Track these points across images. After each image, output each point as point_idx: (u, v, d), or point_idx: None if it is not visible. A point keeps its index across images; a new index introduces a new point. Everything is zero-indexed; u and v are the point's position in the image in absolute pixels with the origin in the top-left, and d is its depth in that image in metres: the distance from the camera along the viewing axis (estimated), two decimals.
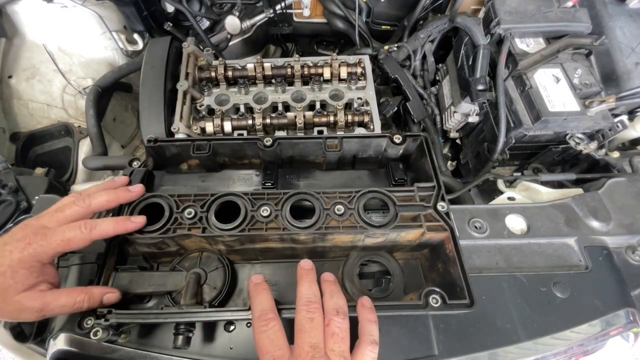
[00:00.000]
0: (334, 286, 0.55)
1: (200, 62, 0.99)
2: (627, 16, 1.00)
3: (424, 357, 0.60)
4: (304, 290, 0.53)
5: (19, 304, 0.49)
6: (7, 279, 0.49)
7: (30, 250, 0.50)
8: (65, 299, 0.52)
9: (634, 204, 0.77)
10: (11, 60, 1.21)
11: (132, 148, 1.46)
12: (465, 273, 0.55)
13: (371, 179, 0.78)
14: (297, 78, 0.98)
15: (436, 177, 0.65)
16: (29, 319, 0.51)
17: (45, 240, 0.51)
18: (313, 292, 0.53)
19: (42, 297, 0.51)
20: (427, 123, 1.19)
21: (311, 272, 0.56)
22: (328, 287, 0.55)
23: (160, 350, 0.60)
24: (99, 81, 1.15)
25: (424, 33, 1.18)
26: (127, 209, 0.60)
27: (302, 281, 0.54)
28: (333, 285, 0.56)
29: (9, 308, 0.50)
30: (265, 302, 0.52)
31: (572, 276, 0.68)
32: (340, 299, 0.53)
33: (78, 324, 0.59)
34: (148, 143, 0.69)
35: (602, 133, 0.91)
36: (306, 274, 0.55)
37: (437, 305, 0.53)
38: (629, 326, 0.66)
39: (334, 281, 0.56)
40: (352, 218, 0.59)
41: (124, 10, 1.25)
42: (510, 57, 0.99)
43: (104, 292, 0.55)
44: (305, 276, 0.55)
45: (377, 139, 0.71)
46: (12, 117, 1.22)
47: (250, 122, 0.91)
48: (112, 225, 0.55)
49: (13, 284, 0.49)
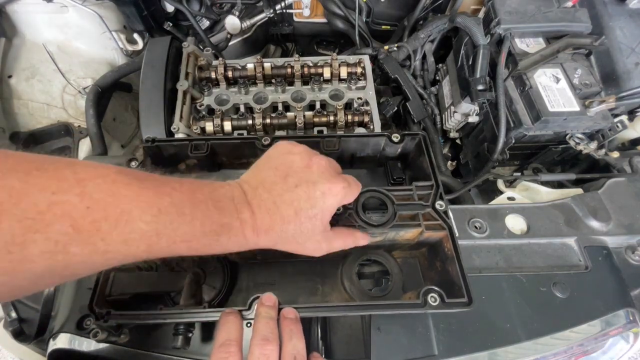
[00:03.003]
0: (294, 326, 0.50)
1: (200, 62, 0.99)
2: (627, 16, 1.00)
3: (424, 357, 0.60)
4: (260, 328, 0.48)
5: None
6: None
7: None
8: (341, 241, 0.54)
9: (633, 204, 0.77)
10: (11, 60, 1.21)
11: (132, 148, 1.45)
12: (464, 271, 0.55)
13: (370, 178, 0.78)
14: (297, 78, 0.98)
15: (434, 176, 0.64)
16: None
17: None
18: (271, 329, 0.48)
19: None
20: (427, 123, 1.18)
21: (272, 309, 0.51)
22: (287, 327, 0.49)
23: (159, 350, 0.60)
24: (99, 81, 1.15)
25: (424, 33, 1.18)
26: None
27: (259, 317, 0.49)
28: (293, 324, 0.50)
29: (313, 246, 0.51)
30: (233, 332, 0.47)
31: (572, 276, 0.68)
32: (299, 342, 0.48)
33: (77, 324, 0.59)
34: (146, 143, 0.69)
35: (602, 133, 0.91)
36: (266, 310, 0.50)
37: (435, 304, 0.53)
38: (629, 326, 0.66)
39: (294, 319, 0.51)
40: (351, 217, 0.59)
41: (124, 10, 1.25)
42: (510, 57, 0.99)
43: (365, 237, 0.57)
44: (264, 312, 0.50)
45: (375, 137, 0.71)
46: (12, 116, 1.22)
47: (250, 122, 0.91)
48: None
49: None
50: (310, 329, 0.62)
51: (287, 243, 0.49)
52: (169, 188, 0.41)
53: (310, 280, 0.66)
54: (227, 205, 0.45)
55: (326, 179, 0.49)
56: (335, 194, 0.49)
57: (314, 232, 0.49)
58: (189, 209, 0.40)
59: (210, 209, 0.43)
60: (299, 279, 0.66)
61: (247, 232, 0.45)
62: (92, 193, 0.34)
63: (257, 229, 0.45)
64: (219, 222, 0.43)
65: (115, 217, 0.35)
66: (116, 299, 0.57)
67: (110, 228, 0.34)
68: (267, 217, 0.46)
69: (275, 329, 0.49)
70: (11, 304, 0.66)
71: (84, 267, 0.36)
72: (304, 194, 0.47)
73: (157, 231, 0.38)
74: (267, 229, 0.46)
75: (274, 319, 0.50)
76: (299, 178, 0.48)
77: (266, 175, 0.49)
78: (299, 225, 0.47)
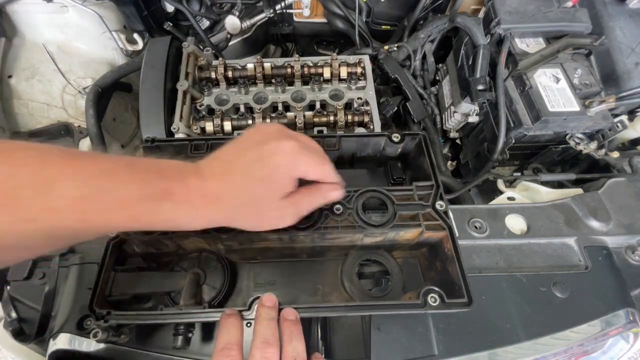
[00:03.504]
0: (295, 327, 0.49)
1: (200, 62, 0.99)
2: (627, 16, 1.00)
3: (424, 357, 0.60)
4: (261, 330, 0.47)
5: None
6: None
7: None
8: (308, 200, 0.50)
9: (633, 204, 0.77)
10: (11, 60, 1.21)
11: (132, 148, 1.46)
12: (464, 271, 0.55)
13: (370, 178, 0.78)
14: (297, 78, 0.98)
15: (434, 176, 0.64)
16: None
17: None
18: (272, 331, 0.47)
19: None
20: (427, 123, 1.18)
21: (273, 310, 0.50)
22: (288, 329, 0.48)
23: (160, 350, 0.60)
24: (99, 81, 1.15)
25: (424, 33, 1.18)
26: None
27: (260, 319, 0.48)
28: (294, 326, 0.49)
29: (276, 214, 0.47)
30: (234, 335, 0.47)
31: (572, 276, 0.68)
32: (299, 344, 0.47)
33: (77, 324, 0.59)
34: (145, 143, 0.69)
35: (602, 133, 0.91)
36: (266, 312, 0.49)
37: (435, 304, 0.53)
38: (629, 326, 0.66)
39: (295, 321, 0.50)
40: (351, 217, 0.59)
41: (124, 10, 1.25)
42: (510, 57, 0.99)
43: (334, 188, 0.52)
44: (264, 314, 0.49)
45: (375, 137, 0.71)
46: (12, 116, 1.22)
47: (250, 122, 0.91)
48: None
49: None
50: (310, 328, 0.62)
51: (245, 215, 0.46)
52: (106, 158, 0.38)
53: (311, 280, 0.66)
54: (171, 172, 0.42)
55: (275, 137, 0.46)
56: (285, 153, 0.44)
57: (271, 198, 0.45)
58: (126, 174, 0.38)
59: (151, 174, 0.40)
60: (299, 278, 0.67)
61: (194, 199, 0.41)
62: (18, 161, 0.33)
63: (205, 196, 0.42)
64: (160, 186, 0.40)
65: (41, 182, 0.33)
66: (116, 299, 0.57)
67: (34, 194, 0.33)
68: (215, 183, 0.43)
69: (276, 330, 0.48)
70: (11, 304, 0.66)
71: (11, 236, 0.33)
72: (253, 156, 0.45)
73: (88, 196, 0.35)
74: (217, 196, 0.42)
75: (275, 320, 0.49)
76: (251, 142, 0.46)
77: (224, 149, 0.48)
78: (250, 190, 0.44)
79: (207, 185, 0.42)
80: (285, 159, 0.45)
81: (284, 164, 0.45)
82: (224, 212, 0.44)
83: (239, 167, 0.44)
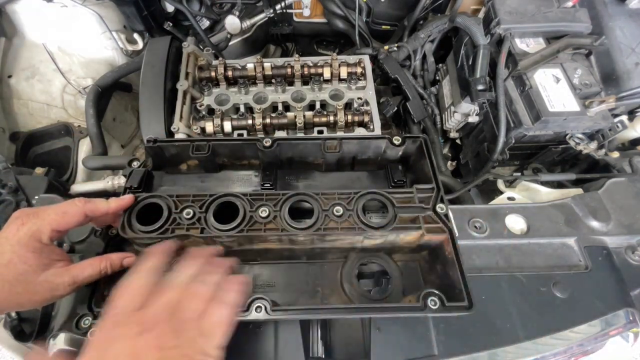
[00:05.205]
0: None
1: (200, 62, 0.99)
2: (627, 16, 1.00)
3: (424, 357, 0.60)
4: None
5: (49, 283, 0.49)
6: (19, 265, 0.48)
7: (25, 229, 0.49)
8: (90, 269, 0.53)
9: (633, 204, 0.77)
10: (11, 60, 1.21)
11: (132, 148, 1.46)
12: (464, 275, 0.55)
13: (370, 180, 0.78)
14: (297, 78, 0.98)
15: (435, 179, 0.65)
16: (64, 293, 0.51)
17: (38, 218, 0.50)
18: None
19: (68, 272, 0.51)
20: (427, 123, 1.18)
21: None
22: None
23: None
24: (99, 81, 1.15)
25: (424, 33, 1.18)
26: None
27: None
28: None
29: (40, 289, 0.49)
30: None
31: (571, 276, 0.68)
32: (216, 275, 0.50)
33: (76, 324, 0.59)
34: (147, 143, 0.69)
35: (602, 133, 0.91)
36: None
37: (435, 308, 0.53)
38: (629, 326, 0.66)
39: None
40: (351, 219, 0.59)
41: (124, 10, 1.24)
42: (510, 57, 0.99)
43: (122, 257, 0.56)
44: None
45: (376, 140, 0.71)
46: (12, 116, 1.22)
47: (250, 122, 0.91)
48: (105, 201, 0.55)
49: (28, 268, 0.48)
50: (310, 328, 0.62)
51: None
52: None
53: (310, 282, 0.66)
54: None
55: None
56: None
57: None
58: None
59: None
60: (299, 280, 0.66)
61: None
62: None
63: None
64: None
65: None
66: None
67: None
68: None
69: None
70: None
71: None
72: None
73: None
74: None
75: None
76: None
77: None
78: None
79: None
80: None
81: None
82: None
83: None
